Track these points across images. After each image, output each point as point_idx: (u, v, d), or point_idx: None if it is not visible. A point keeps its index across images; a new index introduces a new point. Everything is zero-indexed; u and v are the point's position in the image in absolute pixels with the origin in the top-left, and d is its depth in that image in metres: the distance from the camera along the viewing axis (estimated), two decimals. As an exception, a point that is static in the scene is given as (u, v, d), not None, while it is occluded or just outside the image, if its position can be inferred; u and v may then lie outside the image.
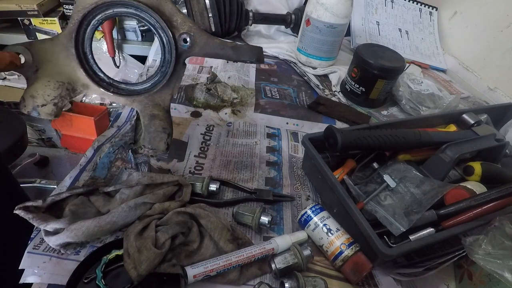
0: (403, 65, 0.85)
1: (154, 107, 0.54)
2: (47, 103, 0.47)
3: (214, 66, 0.96)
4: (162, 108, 0.55)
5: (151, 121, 0.54)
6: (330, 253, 0.50)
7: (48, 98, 0.47)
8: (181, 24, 0.50)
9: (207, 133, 0.73)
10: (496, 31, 1.02)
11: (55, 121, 1.51)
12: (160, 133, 0.55)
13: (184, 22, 0.50)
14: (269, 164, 0.68)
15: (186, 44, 0.52)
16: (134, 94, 0.54)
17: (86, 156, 0.62)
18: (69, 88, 0.49)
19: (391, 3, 1.26)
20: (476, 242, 0.45)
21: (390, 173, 0.57)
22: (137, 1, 0.48)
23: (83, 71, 0.49)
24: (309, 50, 1.02)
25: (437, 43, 1.24)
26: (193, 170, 0.64)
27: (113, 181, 0.58)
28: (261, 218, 0.53)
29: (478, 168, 0.59)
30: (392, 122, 0.70)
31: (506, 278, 0.40)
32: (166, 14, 0.50)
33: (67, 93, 0.49)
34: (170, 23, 0.50)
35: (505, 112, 0.81)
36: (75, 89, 0.50)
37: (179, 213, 0.50)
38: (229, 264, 0.45)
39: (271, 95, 0.90)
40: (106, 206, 0.51)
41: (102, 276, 0.43)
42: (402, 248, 0.47)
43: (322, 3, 0.91)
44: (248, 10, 1.09)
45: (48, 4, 1.24)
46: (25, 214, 0.46)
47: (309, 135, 0.61)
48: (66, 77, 0.48)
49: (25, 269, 0.44)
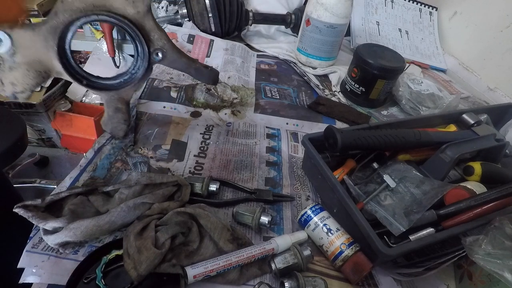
0: (403, 65, 0.85)
1: (119, 100, 0.60)
2: (25, 91, 0.51)
3: (214, 66, 0.96)
4: (125, 102, 0.61)
5: (115, 113, 0.61)
6: (330, 253, 0.50)
7: (27, 87, 0.51)
8: (157, 40, 0.56)
9: (207, 133, 0.73)
10: (496, 31, 1.02)
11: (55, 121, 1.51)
12: (121, 124, 0.63)
13: (160, 39, 0.56)
14: (269, 164, 0.68)
15: (157, 57, 0.57)
16: (104, 89, 0.59)
17: (86, 157, 0.62)
18: (44, 76, 0.52)
19: (391, 3, 1.26)
20: (476, 242, 0.45)
21: (390, 173, 0.57)
22: (122, 16, 0.51)
23: (60, 64, 0.52)
24: (309, 50, 1.02)
25: (437, 43, 1.24)
26: (193, 170, 0.64)
27: (113, 181, 0.58)
28: (261, 218, 0.53)
29: (478, 168, 0.59)
30: (392, 122, 0.70)
31: (506, 278, 0.40)
32: (145, 29, 0.54)
33: (43, 80, 0.53)
34: (148, 37, 0.55)
35: (505, 112, 0.81)
36: (49, 75, 0.53)
37: (179, 213, 0.50)
38: (229, 264, 0.45)
39: (271, 95, 0.90)
40: (105, 205, 0.51)
41: (102, 276, 0.43)
42: (402, 248, 0.47)
43: (322, 3, 0.91)
44: (248, 10, 1.09)
45: (48, 4, 1.24)
46: (24, 212, 0.46)
47: (309, 135, 0.61)
48: (43, 65, 0.51)
49: (25, 268, 0.44)
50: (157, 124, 0.72)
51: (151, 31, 0.54)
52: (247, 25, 1.12)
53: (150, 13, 0.53)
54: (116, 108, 0.61)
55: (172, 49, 0.57)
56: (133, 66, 0.58)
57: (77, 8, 0.48)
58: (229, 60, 0.99)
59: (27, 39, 0.48)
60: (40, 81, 0.52)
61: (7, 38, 0.47)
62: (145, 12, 0.52)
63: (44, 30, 0.48)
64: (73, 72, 0.55)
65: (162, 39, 0.56)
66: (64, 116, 1.48)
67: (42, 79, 0.52)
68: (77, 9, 0.48)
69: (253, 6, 1.17)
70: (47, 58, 0.50)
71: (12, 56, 0.49)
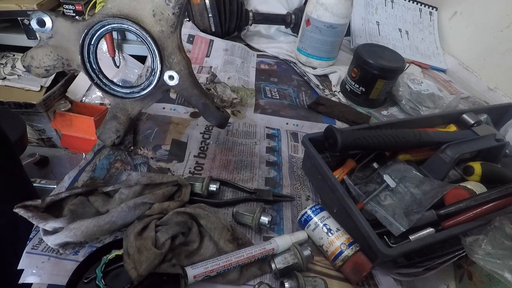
0: (403, 65, 0.85)
1: (121, 110, 0.61)
2: (40, 67, 0.56)
3: (214, 66, 0.96)
4: (127, 114, 0.62)
5: (111, 119, 0.62)
6: (330, 253, 0.50)
7: (43, 64, 0.56)
8: (175, 64, 0.56)
9: (207, 133, 0.73)
10: (496, 31, 1.02)
11: (55, 121, 1.51)
12: (111, 132, 0.63)
13: (178, 63, 0.56)
14: (269, 164, 0.68)
15: (170, 80, 0.57)
16: (111, 94, 0.60)
17: (86, 158, 0.62)
18: (65, 63, 0.56)
19: (391, 3, 1.26)
20: (476, 242, 0.45)
21: (390, 173, 0.57)
22: (147, 31, 0.53)
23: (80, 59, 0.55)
24: (309, 50, 1.02)
25: (437, 43, 1.24)
26: (193, 170, 0.64)
27: (112, 181, 0.58)
28: (261, 218, 0.53)
29: (478, 168, 0.59)
30: (392, 122, 0.70)
31: (506, 278, 0.40)
32: (167, 50, 0.55)
33: (62, 66, 0.56)
34: (167, 58, 0.56)
35: (505, 112, 0.81)
36: (70, 65, 0.57)
37: (179, 213, 0.50)
38: (229, 265, 0.45)
39: (271, 95, 0.90)
40: (105, 206, 0.51)
41: (102, 276, 0.43)
42: (402, 248, 0.47)
43: (322, 3, 0.91)
44: (248, 10, 1.09)
45: (48, 4, 1.24)
46: (24, 212, 0.46)
47: (309, 135, 0.61)
48: (68, 54, 0.56)
49: (24, 269, 0.44)
50: (157, 124, 0.72)
51: (172, 54, 0.55)
52: (247, 25, 1.12)
53: (176, 36, 0.54)
54: (115, 115, 0.61)
55: (187, 77, 0.57)
56: (146, 80, 0.58)
57: (112, 14, 0.53)
58: (229, 61, 0.99)
59: (65, 29, 0.54)
60: (59, 65, 0.56)
61: (50, 22, 0.53)
62: (169, 33, 0.54)
63: (80, 26, 0.54)
64: (89, 68, 0.57)
65: (180, 65, 0.56)
66: (64, 116, 1.48)
67: (62, 65, 0.56)
68: (112, 15, 0.53)
69: (253, 6, 1.17)
70: (74, 50, 0.55)
71: (49, 39, 0.54)
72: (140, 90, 0.59)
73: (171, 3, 0.51)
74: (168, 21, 0.53)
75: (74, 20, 0.54)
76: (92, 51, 0.56)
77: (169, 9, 0.52)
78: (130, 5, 0.52)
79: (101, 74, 0.58)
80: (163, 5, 0.52)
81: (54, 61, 0.55)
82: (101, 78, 0.59)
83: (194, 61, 0.98)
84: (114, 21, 0.53)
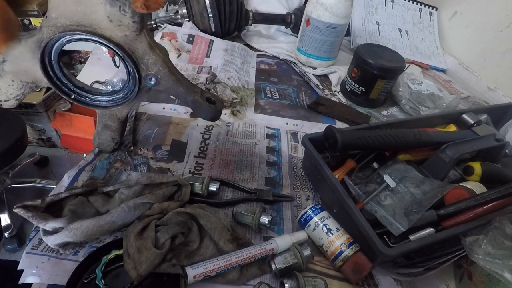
0: (403, 65, 0.85)
1: (110, 117, 0.58)
2: (9, 100, 0.52)
3: (213, 66, 0.96)
4: (118, 119, 0.58)
5: (103, 129, 0.60)
6: (330, 253, 0.50)
7: (11, 96, 0.51)
8: (151, 64, 0.51)
9: (207, 133, 0.73)
10: (496, 31, 1.02)
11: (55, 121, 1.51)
12: (108, 141, 0.62)
13: (155, 63, 0.51)
14: (269, 164, 0.68)
15: (150, 82, 0.52)
16: (94, 106, 0.56)
17: (86, 159, 0.62)
18: (32, 86, 0.52)
19: (391, 3, 1.26)
20: (476, 242, 0.45)
21: (390, 173, 0.57)
22: (107, 39, 0.47)
23: (46, 78, 0.50)
24: (309, 50, 1.01)
25: (437, 43, 1.24)
26: (193, 170, 0.64)
27: (112, 181, 0.58)
28: (261, 218, 0.53)
29: (478, 168, 0.59)
30: (392, 122, 0.70)
31: (506, 278, 0.40)
32: (138, 53, 0.50)
33: (30, 90, 0.52)
34: (141, 60, 0.50)
35: (505, 112, 0.81)
36: (39, 86, 0.53)
37: (179, 213, 0.50)
38: (229, 265, 0.45)
39: (271, 95, 0.90)
40: (105, 206, 0.51)
41: (102, 276, 0.43)
42: (402, 248, 0.47)
43: (322, 3, 0.91)
44: (248, 10, 1.09)
45: (48, 4, 1.24)
46: (24, 213, 0.46)
47: (309, 135, 0.61)
48: (30, 76, 0.50)
49: (24, 269, 0.44)
50: (157, 124, 0.72)
51: (145, 55, 0.50)
52: (247, 25, 1.12)
53: (144, 36, 0.49)
54: (106, 125, 0.59)
55: (168, 75, 0.52)
56: (125, 87, 0.55)
57: (61, 25, 0.46)
58: (229, 61, 0.99)
59: (16, 50, 0.48)
60: (27, 91, 0.51)
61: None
62: (134, 36, 0.48)
63: (30, 43, 0.48)
64: (61, 85, 0.53)
65: (157, 64, 0.51)
66: (64, 116, 1.48)
67: (30, 90, 0.51)
68: (61, 26, 0.46)
69: (253, 6, 1.17)
70: (34, 69, 0.49)
71: (2, 63, 0.49)
72: (123, 96, 0.56)
73: (127, 13, 0.45)
74: (129, 27, 0.46)
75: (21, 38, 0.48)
76: (57, 67, 0.51)
77: (127, 18, 0.45)
78: (78, 10, 0.45)
79: (76, 87, 0.54)
80: (119, 14, 0.45)
81: (20, 89, 0.51)
82: (78, 91, 0.54)
83: (194, 61, 0.98)
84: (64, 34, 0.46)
